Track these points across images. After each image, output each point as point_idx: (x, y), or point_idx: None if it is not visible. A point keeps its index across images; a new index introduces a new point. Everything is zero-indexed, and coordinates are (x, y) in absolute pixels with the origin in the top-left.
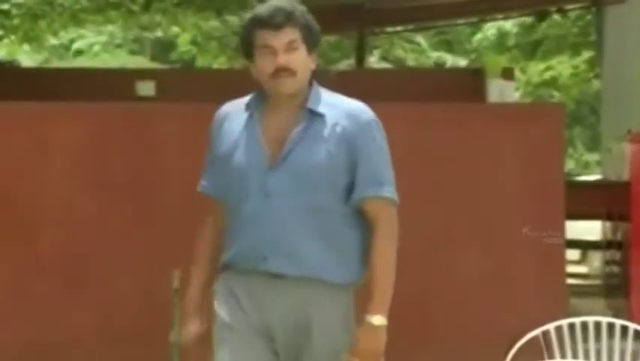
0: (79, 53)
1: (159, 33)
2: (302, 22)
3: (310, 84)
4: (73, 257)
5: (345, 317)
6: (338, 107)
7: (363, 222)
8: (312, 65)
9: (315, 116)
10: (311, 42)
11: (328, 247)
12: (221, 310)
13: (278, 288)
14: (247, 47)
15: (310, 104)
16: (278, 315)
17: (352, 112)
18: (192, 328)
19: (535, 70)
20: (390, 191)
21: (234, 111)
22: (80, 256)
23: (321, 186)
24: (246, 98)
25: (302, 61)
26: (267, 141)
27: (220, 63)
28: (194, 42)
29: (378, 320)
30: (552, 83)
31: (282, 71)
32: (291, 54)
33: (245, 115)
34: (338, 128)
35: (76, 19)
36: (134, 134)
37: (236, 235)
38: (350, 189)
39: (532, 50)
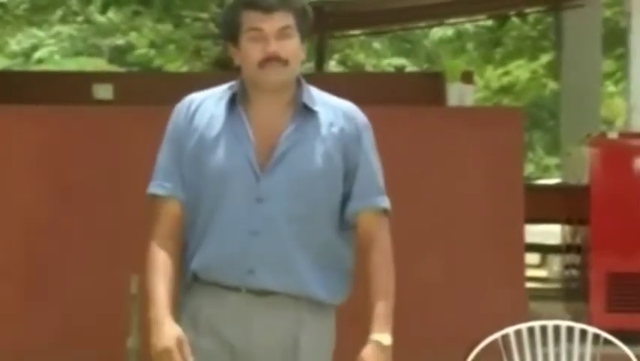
0: (40, 61)
1: (118, 39)
2: (297, 6)
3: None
4: (32, 262)
5: (332, 338)
6: (332, 106)
7: (350, 236)
8: (303, 56)
9: (308, 113)
10: (304, 30)
11: (319, 262)
12: (186, 331)
13: (262, 307)
14: (232, 29)
15: (305, 100)
16: (261, 337)
17: (349, 113)
18: (172, 332)
19: (493, 75)
20: (387, 202)
21: (209, 103)
22: (38, 260)
23: (318, 193)
24: (220, 90)
25: (295, 50)
26: (255, 139)
27: (178, 66)
28: (152, 45)
29: (388, 339)
30: (510, 87)
31: (273, 59)
32: (283, 41)
33: (224, 108)
34: (334, 129)
35: (30, 21)
36: (92, 137)
37: (212, 243)
38: (342, 199)
39: (490, 52)
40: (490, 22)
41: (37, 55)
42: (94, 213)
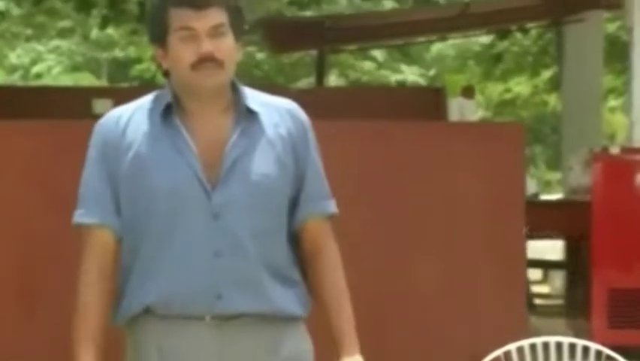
0: (39, 76)
1: (117, 53)
2: (230, 3)
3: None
4: (27, 274)
5: (311, 350)
6: (274, 106)
7: (294, 244)
8: (239, 56)
9: (251, 117)
10: (238, 28)
11: (281, 276)
12: None
13: (233, 332)
14: (158, 29)
15: (246, 102)
16: None
17: (291, 111)
18: None
19: (494, 91)
20: (334, 206)
21: (139, 116)
22: (34, 272)
23: (273, 202)
24: (146, 100)
25: (230, 50)
26: (199, 151)
27: None
28: (153, 58)
29: (359, 359)
30: (511, 103)
31: (207, 60)
32: (217, 40)
33: (156, 121)
34: (282, 131)
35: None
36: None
37: (169, 271)
38: (289, 205)
39: (491, 66)
40: (491, 39)
41: (36, 69)
42: None
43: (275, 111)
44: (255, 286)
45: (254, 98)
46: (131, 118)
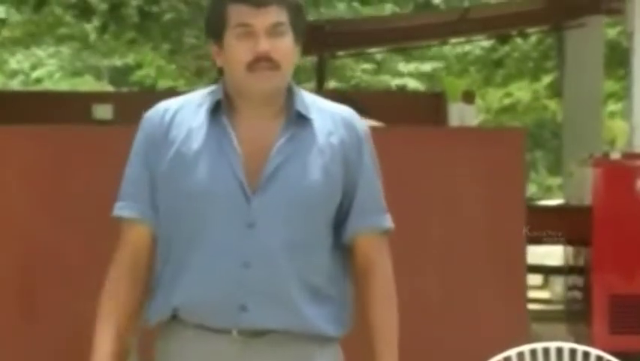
0: (39, 81)
1: (117, 61)
2: (291, 1)
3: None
4: (28, 282)
5: None
6: (329, 113)
7: (346, 259)
8: (297, 60)
9: (303, 122)
10: (299, 28)
11: (319, 293)
12: None
13: (259, 349)
14: (216, 25)
15: (298, 107)
16: None
17: (348, 120)
18: None
19: (495, 96)
20: (390, 220)
21: (186, 112)
22: (35, 280)
23: (315, 214)
24: (198, 95)
25: (288, 51)
26: (244, 154)
27: (180, 86)
28: (154, 65)
29: None
30: (512, 108)
31: (263, 60)
32: (275, 40)
33: (203, 118)
34: (334, 139)
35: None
36: (91, 157)
37: (194, 277)
38: (338, 217)
39: (492, 72)
40: (491, 43)
41: (36, 74)
42: (92, 233)
43: (329, 118)
44: (284, 301)
45: (310, 103)
46: (177, 112)
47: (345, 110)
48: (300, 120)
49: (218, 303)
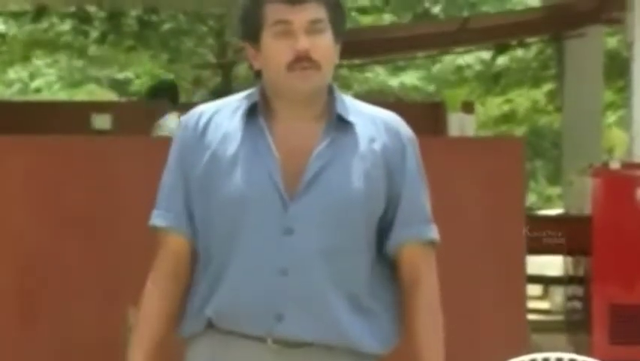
0: (38, 91)
1: (116, 73)
2: None
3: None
4: (27, 290)
5: None
6: (370, 117)
7: (392, 272)
8: (337, 59)
9: (344, 126)
10: (339, 26)
11: (359, 305)
12: None
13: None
14: (252, 25)
15: (339, 110)
16: None
17: (391, 125)
18: None
19: (494, 103)
20: (436, 231)
21: (222, 115)
22: (34, 289)
23: (357, 222)
24: (235, 99)
25: (329, 49)
26: (281, 157)
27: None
28: (151, 76)
29: None
30: (511, 116)
31: (304, 60)
32: (315, 38)
33: (239, 121)
34: (376, 146)
35: (26, 55)
36: (90, 167)
37: (231, 285)
38: (382, 226)
39: (492, 83)
40: (490, 54)
41: (35, 84)
42: (90, 243)
43: (372, 123)
44: (322, 312)
45: (351, 106)
46: (213, 116)
47: (388, 115)
48: (341, 124)
49: (253, 310)
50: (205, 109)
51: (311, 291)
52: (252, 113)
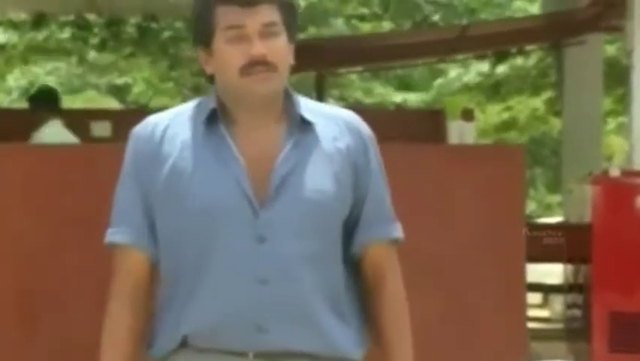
0: None
1: (116, 79)
2: None
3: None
4: (25, 298)
5: None
6: (331, 117)
7: (356, 273)
8: (292, 61)
9: (306, 128)
10: (292, 27)
11: (338, 311)
12: None
13: None
14: (203, 29)
15: (300, 111)
16: None
17: (352, 124)
18: None
19: (494, 111)
20: (400, 230)
21: (178, 125)
22: (32, 296)
23: (329, 224)
24: (187, 108)
25: (284, 52)
26: (247, 164)
27: (177, 103)
28: (148, 83)
29: None
30: (511, 124)
31: (259, 64)
32: (269, 41)
33: (199, 130)
34: (340, 145)
35: (26, 62)
36: (89, 174)
37: (207, 299)
38: (344, 229)
39: (492, 91)
40: (490, 65)
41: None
42: (90, 249)
43: (333, 123)
44: (307, 320)
45: (310, 107)
46: (168, 126)
47: (347, 114)
48: (303, 125)
49: (234, 324)
50: (159, 119)
51: (293, 299)
52: (210, 120)
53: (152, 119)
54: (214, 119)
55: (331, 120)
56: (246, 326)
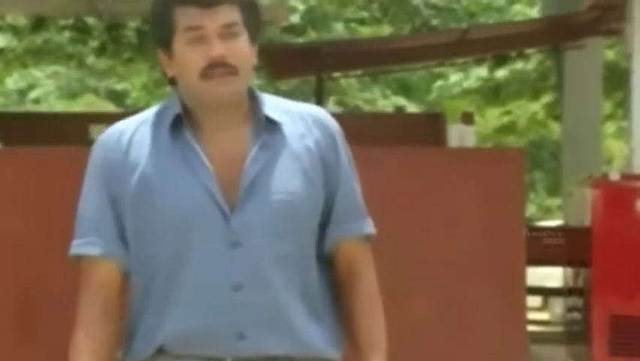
0: (36, 101)
1: (114, 84)
2: None
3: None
4: (24, 301)
5: None
6: (298, 114)
7: (329, 271)
8: (255, 61)
9: (272, 127)
10: (254, 27)
11: (314, 312)
12: None
13: None
14: (162, 31)
15: (266, 111)
16: None
17: (319, 119)
18: None
19: (494, 115)
20: (372, 225)
21: (143, 132)
22: (33, 303)
23: (302, 224)
24: (149, 114)
25: (245, 53)
26: (215, 169)
27: None
28: (147, 88)
29: None
30: (511, 127)
31: (219, 66)
32: (229, 42)
33: (162, 136)
34: (308, 142)
35: (24, 62)
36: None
37: (182, 308)
38: (320, 227)
39: (492, 94)
40: (488, 70)
41: (34, 94)
42: None
43: (300, 120)
44: (282, 323)
45: (275, 106)
46: (134, 134)
47: (314, 109)
48: (269, 125)
49: (211, 331)
50: (124, 127)
51: (268, 303)
52: (175, 126)
53: (118, 127)
54: (179, 125)
55: (298, 117)
56: (223, 332)
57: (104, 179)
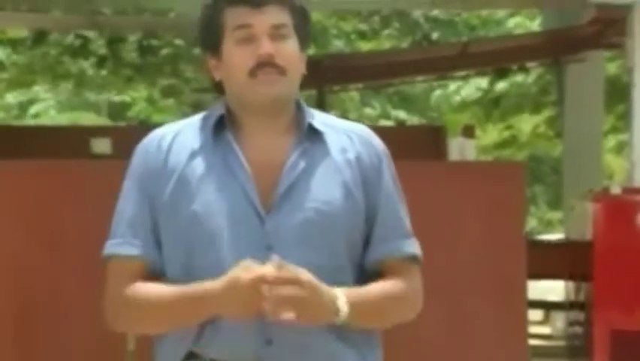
0: (36, 116)
1: (114, 97)
2: (294, 3)
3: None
4: (25, 316)
5: None
6: (343, 129)
7: None
8: (304, 69)
9: (315, 137)
10: (304, 33)
11: (345, 327)
12: None
13: None
14: (212, 33)
15: (310, 120)
16: None
17: (363, 137)
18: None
19: (494, 129)
20: (417, 246)
21: (185, 136)
22: (32, 314)
23: (336, 234)
24: (196, 120)
25: (294, 56)
26: (253, 172)
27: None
28: (149, 100)
29: (343, 302)
30: (511, 142)
31: (267, 65)
32: (278, 43)
33: (206, 138)
34: (350, 156)
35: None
36: (89, 191)
37: None
38: (360, 244)
39: (492, 108)
40: (489, 83)
41: (34, 109)
42: (89, 267)
43: (344, 135)
44: (307, 337)
45: (322, 119)
46: (175, 138)
47: (360, 128)
48: (312, 134)
49: (241, 336)
50: (165, 132)
51: None
52: (218, 128)
53: (158, 133)
54: (222, 126)
55: (343, 133)
56: (254, 337)
57: (142, 183)
